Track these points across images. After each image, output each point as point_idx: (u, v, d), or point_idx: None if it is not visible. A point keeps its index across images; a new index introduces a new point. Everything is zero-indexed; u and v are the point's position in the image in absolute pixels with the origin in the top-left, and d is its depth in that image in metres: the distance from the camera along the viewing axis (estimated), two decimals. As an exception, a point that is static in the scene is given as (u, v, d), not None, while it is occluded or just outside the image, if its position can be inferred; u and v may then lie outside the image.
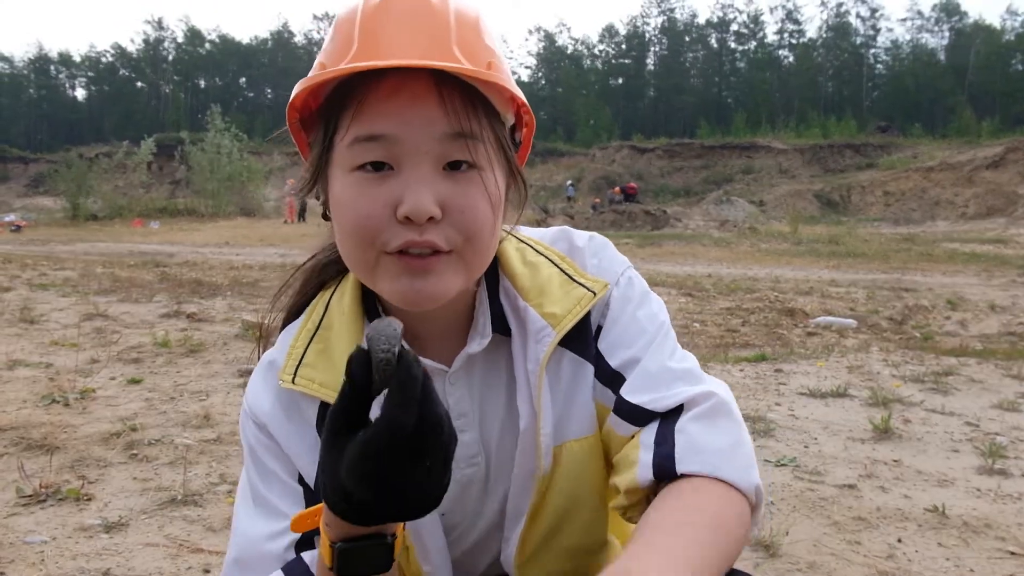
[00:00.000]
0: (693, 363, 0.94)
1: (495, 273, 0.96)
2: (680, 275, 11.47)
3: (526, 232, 1.03)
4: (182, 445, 3.12)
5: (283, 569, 0.85)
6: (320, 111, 0.86)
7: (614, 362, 0.93)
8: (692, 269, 12.90)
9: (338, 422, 0.66)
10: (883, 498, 2.68)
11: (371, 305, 0.95)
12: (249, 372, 4.75)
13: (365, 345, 0.64)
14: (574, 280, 0.95)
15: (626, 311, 0.95)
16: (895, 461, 3.06)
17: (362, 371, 0.63)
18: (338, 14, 0.87)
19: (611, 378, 0.93)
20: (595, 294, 0.93)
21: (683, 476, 0.83)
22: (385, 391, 0.63)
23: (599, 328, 0.95)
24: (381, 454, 0.62)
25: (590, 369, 0.94)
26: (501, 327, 0.94)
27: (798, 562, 2.18)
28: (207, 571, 2.11)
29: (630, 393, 0.90)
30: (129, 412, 3.59)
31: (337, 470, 0.66)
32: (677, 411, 0.88)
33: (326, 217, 0.90)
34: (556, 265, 0.97)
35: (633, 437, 0.89)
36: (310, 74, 0.83)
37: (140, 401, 3.82)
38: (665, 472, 0.84)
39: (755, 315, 7.26)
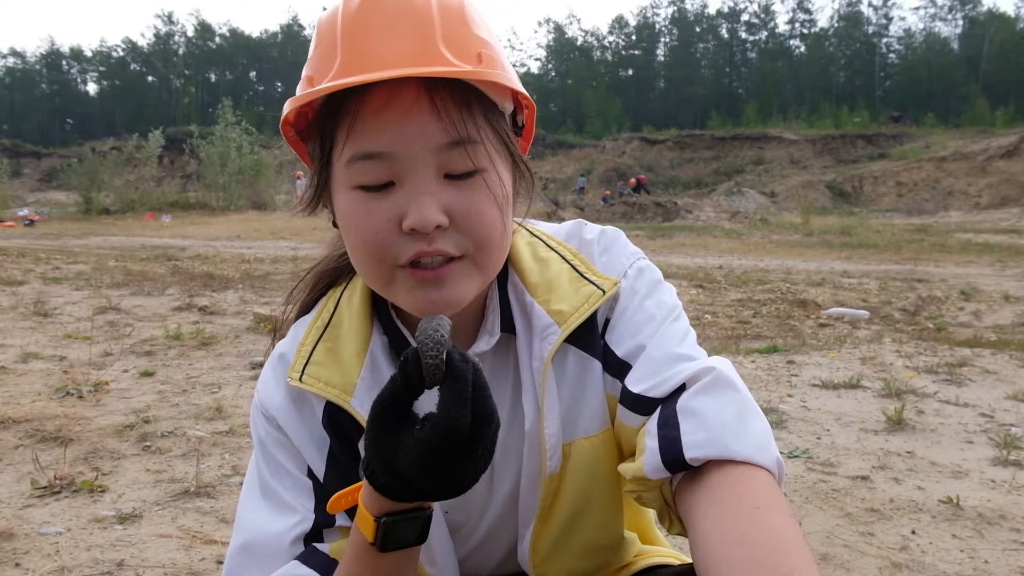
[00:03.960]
0: (700, 350, 0.91)
1: (504, 268, 0.94)
2: (691, 267, 11.44)
3: (540, 226, 1.01)
4: (195, 437, 3.14)
5: (298, 558, 0.85)
6: (315, 124, 0.85)
7: (620, 351, 0.90)
8: (703, 261, 12.87)
9: (387, 412, 0.69)
10: (896, 490, 2.67)
11: (381, 304, 0.94)
12: (261, 365, 4.77)
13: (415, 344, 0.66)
14: (584, 277, 0.93)
15: (633, 301, 0.92)
16: (908, 452, 3.04)
17: (414, 374, 0.67)
18: (319, 20, 0.84)
19: (619, 368, 0.90)
20: (604, 292, 0.91)
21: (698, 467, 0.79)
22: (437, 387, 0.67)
23: (607, 321, 0.93)
24: (440, 453, 0.67)
25: (597, 364, 0.92)
26: (509, 325, 0.93)
27: (811, 554, 2.17)
28: (220, 562, 2.12)
29: (633, 382, 0.87)
30: (142, 404, 3.62)
31: (392, 460, 0.69)
32: (679, 392, 0.84)
33: (336, 224, 0.89)
34: (567, 261, 0.95)
35: (642, 427, 0.86)
36: (299, 87, 0.83)
37: (153, 394, 3.84)
38: (674, 459, 0.80)
39: (767, 307, 7.23)
